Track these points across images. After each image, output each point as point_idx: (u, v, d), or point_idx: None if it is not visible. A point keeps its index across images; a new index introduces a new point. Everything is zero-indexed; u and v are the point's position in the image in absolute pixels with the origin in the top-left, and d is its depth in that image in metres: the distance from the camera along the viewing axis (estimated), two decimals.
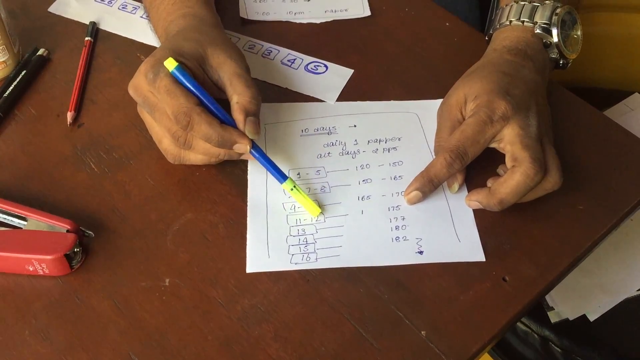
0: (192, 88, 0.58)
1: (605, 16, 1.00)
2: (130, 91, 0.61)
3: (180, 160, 0.61)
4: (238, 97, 0.59)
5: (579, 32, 0.68)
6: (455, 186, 0.61)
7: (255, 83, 0.61)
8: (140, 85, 0.60)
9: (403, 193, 0.61)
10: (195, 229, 0.59)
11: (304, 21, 0.77)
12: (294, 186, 0.60)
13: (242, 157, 0.61)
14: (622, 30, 1.00)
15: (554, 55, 0.66)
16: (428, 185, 0.59)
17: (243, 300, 0.55)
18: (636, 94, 0.98)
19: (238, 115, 0.58)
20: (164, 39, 0.67)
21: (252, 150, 0.59)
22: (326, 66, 0.73)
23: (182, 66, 0.58)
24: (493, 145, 0.60)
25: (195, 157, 0.61)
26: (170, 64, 0.58)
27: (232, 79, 0.60)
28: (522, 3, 0.67)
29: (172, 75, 0.58)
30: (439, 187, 0.60)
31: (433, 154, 0.64)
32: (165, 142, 0.61)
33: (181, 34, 0.64)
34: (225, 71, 0.60)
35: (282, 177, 0.60)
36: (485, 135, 0.58)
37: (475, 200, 0.59)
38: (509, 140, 0.58)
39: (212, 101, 0.59)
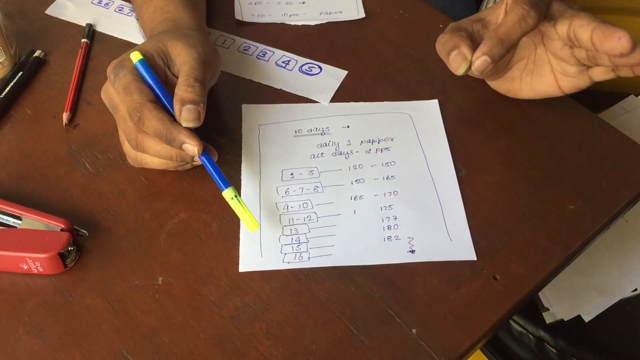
0: (151, 82, 0.59)
1: (601, 19, 1.00)
2: (102, 96, 0.62)
3: (139, 163, 0.62)
4: (177, 87, 0.59)
5: None
6: (463, 66, 0.57)
7: (203, 68, 0.60)
8: (106, 88, 0.61)
9: (395, 193, 0.61)
10: (188, 228, 0.60)
11: (299, 23, 0.78)
12: (235, 196, 0.58)
13: (194, 163, 0.60)
14: None
15: None
16: (497, 47, 0.54)
17: (235, 299, 0.55)
18: (632, 96, 0.98)
19: (175, 107, 0.58)
20: None
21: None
22: (320, 67, 0.73)
23: (145, 60, 0.59)
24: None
25: (152, 160, 0.61)
26: (135, 56, 0.59)
27: (181, 68, 0.60)
28: None
29: (131, 74, 0.58)
30: (510, 50, 0.54)
31: (425, 153, 0.65)
32: (125, 145, 0.62)
33: (153, 36, 0.65)
34: (180, 61, 0.60)
35: (224, 184, 0.58)
36: None
37: (480, 54, 0.55)
38: None
39: (169, 99, 0.59)
